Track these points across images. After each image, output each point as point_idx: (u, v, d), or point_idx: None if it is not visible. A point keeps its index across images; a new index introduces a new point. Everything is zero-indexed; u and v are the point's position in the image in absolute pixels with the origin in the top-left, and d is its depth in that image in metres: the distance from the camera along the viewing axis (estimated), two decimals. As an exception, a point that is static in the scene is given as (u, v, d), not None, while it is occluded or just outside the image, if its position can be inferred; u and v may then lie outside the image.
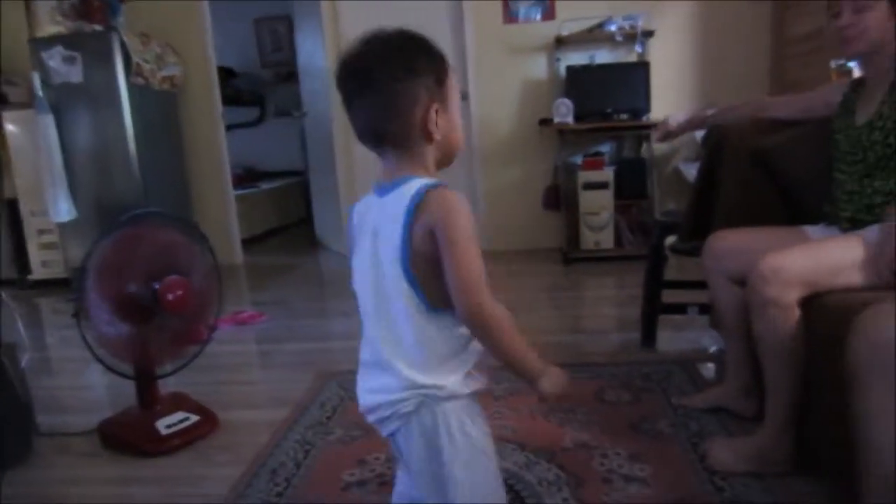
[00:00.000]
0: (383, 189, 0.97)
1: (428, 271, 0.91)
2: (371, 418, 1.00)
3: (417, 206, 0.90)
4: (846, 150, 1.67)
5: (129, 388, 2.10)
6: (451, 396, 0.95)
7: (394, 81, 0.92)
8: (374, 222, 0.96)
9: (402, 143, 0.96)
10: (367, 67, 0.93)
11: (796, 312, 1.50)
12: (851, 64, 1.78)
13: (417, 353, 0.94)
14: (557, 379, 0.97)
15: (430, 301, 0.93)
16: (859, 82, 1.76)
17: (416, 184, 0.93)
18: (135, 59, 4.05)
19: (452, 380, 0.95)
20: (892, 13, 1.56)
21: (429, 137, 0.95)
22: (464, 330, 0.94)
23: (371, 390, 0.99)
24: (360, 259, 0.99)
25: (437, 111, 0.94)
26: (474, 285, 0.89)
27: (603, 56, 4.33)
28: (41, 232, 4.35)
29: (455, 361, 0.96)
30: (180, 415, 2.03)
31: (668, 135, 2.21)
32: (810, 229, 1.78)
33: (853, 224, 1.63)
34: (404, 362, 0.94)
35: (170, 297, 1.88)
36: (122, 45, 3.99)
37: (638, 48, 4.26)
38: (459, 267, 0.89)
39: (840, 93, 1.80)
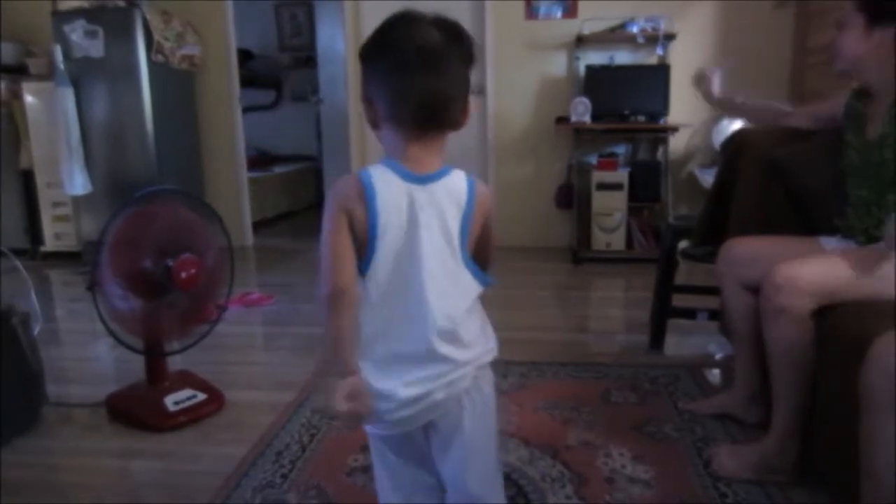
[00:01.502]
0: (423, 178, 0.98)
1: (471, 248, 1.02)
2: (406, 413, 1.00)
3: (475, 198, 1.00)
4: (859, 164, 1.66)
5: (135, 363, 2.11)
6: (492, 358, 1.07)
7: (462, 66, 0.98)
8: (420, 210, 0.97)
9: (449, 126, 1.00)
10: (442, 47, 0.95)
11: (809, 323, 1.50)
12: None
13: (473, 329, 1.03)
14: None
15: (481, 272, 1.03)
16: (864, 92, 1.75)
17: (460, 175, 1.01)
18: (156, 36, 4.06)
19: (493, 343, 1.08)
20: (868, 29, 1.56)
21: (460, 126, 1.00)
22: None
23: (412, 382, 0.99)
24: (397, 249, 0.97)
25: None
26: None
27: (623, 57, 4.31)
28: (55, 204, 4.38)
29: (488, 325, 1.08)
30: (188, 392, 2.04)
31: (702, 85, 2.18)
32: (825, 240, 1.77)
33: (870, 239, 1.62)
34: (465, 338, 1.01)
35: (183, 274, 1.89)
36: (144, 21, 3.99)
37: (659, 50, 4.23)
38: (493, 245, 1.08)
39: (842, 103, 1.80)
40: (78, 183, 4.03)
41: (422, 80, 0.94)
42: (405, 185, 0.97)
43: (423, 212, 0.97)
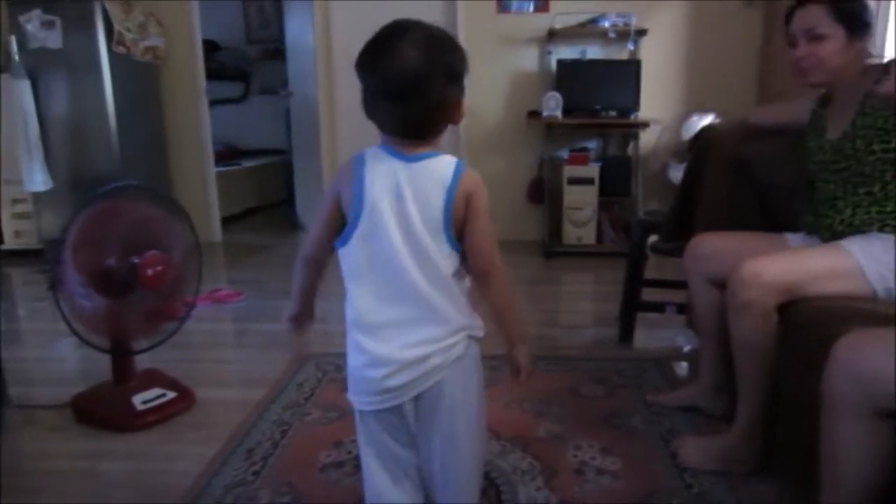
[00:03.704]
0: (410, 157, 1.06)
1: (456, 230, 1.07)
2: (404, 378, 1.07)
3: (460, 178, 1.05)
4: (828, 160, 1.69)
5: (101, 363, 2.08)
6: (479, 337, 1.15)
7: (444, 88, 1.03)
8: (401, 184, 1.05)
9: (436, 133, 1.09)
10: (420, 72, 1.00)
11: (774, 318, 1.53)
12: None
13: (459, 300, 1.10)
14: (528, 353, 1.18)
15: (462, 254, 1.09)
16: (827, 98, 1.78)
17: (449, 160, 1.07)
18: (117, 27, 3.97)
19: (480, 322, 1.15)
20: (849, 40, 1.58)
21: (456, 123, 1.09)
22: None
23: (410, 345, 1.07)
24: (384, 220, 1.05)
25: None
26: (493, 245, 1.11)
27: (594, 52, 4.34)
28: (15, 201, 4.24)
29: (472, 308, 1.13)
30: (157, 391, 2.01)
31: (664, 164, 2.27)
32: (791, 237, 1.81)
33: (833, 234, 1.66)
34: (454, 309, 1.09)
35: (149, 272, 1.86)
36: (104, 11, 3.90)
37: (630, 46, 4.28)
38: (484, 230, 1.08)
39: (808, 108, 1.83)
40: (38, 179, 3.93)
41: (398, 105, 1.03)
42: (392, 161, 1.06)
43: (406, 187, 1.04)
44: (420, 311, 1.07)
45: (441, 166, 1.06)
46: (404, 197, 1.04)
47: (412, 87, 1.00)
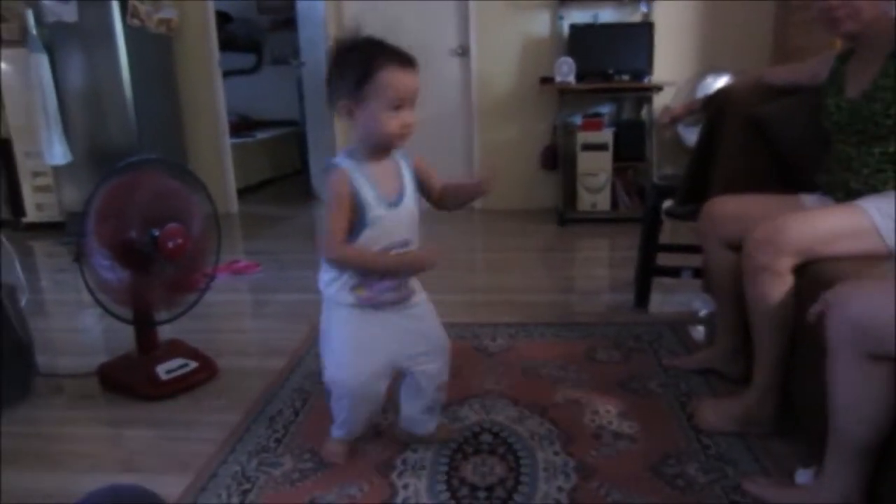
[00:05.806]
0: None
1: None
2: None
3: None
4: (844, 121, 1.66)
5: (124, 333, 2.12)
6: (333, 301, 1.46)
7: (332, 78, 1.34)
8: None
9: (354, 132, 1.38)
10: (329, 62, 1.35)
11: (789, 280, 1.53)
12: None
13: (324, 266, 1.44)
14: (428, 256, 1.41)
15: None
16: (847, 54, 1.74)
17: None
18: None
19: (332, 291, 1.44)
20: None
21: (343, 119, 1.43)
22: None
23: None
24: None
25: (346, 106, 1.32)
26: (324, 240, 1.36)
27: (607, 15, 4.27)
28: (35, 174, 4.30)
29: (338, 282, 1.43)
30: (180, 361, 2.05)
31: (675, 118, 2.24)
32: (806, 197, 1.79)
33: (849, 193, 1.64)
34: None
35: (170, 244, 1.88)
36: (118, -16, 3.89)
37: (643, 8, 4.20)
38: (321, 226, 1.31)
39: (827, 67, 1.79)
40: (58, 152, 3.97)
41: None
42: None
43: None
44: None
45: None
46: None
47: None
